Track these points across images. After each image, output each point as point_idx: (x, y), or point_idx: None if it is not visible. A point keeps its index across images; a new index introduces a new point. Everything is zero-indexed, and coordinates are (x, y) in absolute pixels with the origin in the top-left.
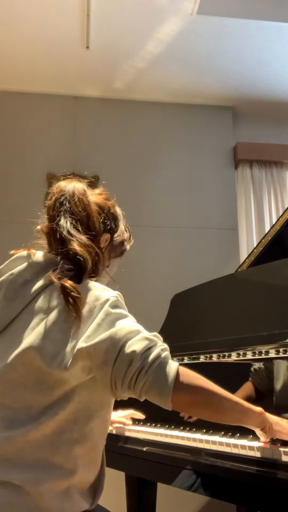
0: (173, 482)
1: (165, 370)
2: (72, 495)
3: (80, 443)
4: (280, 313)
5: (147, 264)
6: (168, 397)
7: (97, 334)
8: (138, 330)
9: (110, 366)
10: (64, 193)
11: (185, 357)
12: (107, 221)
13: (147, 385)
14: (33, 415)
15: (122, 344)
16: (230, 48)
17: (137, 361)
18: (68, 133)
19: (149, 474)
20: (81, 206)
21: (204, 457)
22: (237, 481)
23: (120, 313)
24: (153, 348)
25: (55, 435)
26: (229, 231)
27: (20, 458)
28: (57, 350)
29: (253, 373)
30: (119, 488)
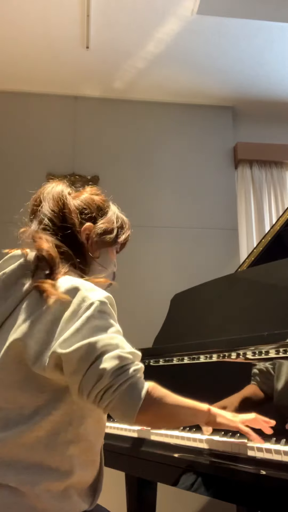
0: (173, 482)
1: (132, 393)
2: (70, 496)
3: (75, 443)
4: (280, 313)
5: (147, 264)
6: (132, 419)
7: (74, 341)
8: (116, 344)
9: (81, 376)
10: (40, 194)
11: (185, 357)
12: (86, 210)
13: (112, 405)
14: (25, 415)
15: (96, 356)
16: (230, 48)
17: (105, 379)
18: (68, 133)
19: (149, 474)
20: (55, 205)
21: (204, 457)
22: (237, 481)
23: (103, 321)
24: (125, 367)
25: (50, 436)
26: (229, 231)
27: (15, 461)
28: (40, 350)
29: (256, 374)
30: (119, 488)
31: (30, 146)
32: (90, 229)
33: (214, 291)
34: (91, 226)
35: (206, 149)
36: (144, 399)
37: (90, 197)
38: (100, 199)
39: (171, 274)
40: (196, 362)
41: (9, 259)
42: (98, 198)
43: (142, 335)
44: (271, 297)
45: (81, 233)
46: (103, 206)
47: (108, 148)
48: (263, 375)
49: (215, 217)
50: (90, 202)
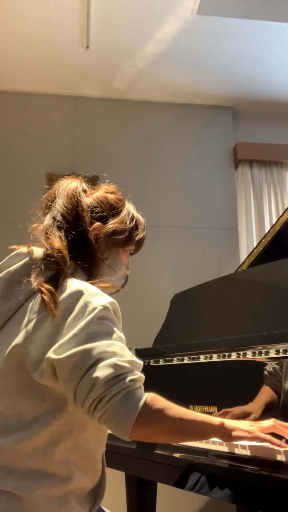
0: (173, 482)
1: (127, 404)
2: (68, 502)
3: (73, 451)
4: (280, 313)
5: (147, 264)
6: (126, 433)
7: (69, 347)
8: (113, 352)
9: (75, 384)
10: (55, 190)
11: (185, 357)
12: (97, 209)
13: (105, 416)
14: (25, 421)
15: (91, 364)
16: (230, 48)
17: (98, 389)
18: (68, 133)
19: (149, 474)
20: (68, 202)
21: (204, 457)
22: (237, 481)
23: (104, 326)
24: (120, 376)
25: (49, 446)
26: (229, 231)
27: (13, 467)
28: (41, 357)
29: (268, 376)
30: (119, 488)
31: (30, 146)
32: (99, 228)
33: (214, 291)
34: (100, 226)
35: (206, 149)
36: (141, 411)
37: (103, 195)
38: (114, 198)
39: (171, 274)
40: (196, 362)
41: (15, 256)
42: (112, 196)
43: (142, 335)
44: (271, 297)
45: (90, 233)
46: (116, 205)
47: (108, 148)
48: (269, 375)
49: (215, 217)
50: (103, 200)
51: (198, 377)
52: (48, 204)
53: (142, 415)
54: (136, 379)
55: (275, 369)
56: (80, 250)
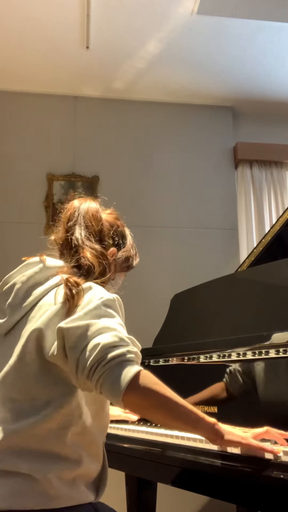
0: (173, 482)
1: (123, 369)
2: (78, 486)
3: (82, 435)
4: (280, 313)
5: (147, 264)
6: (119, 395)
7: (78, 320)
8: (115, 328)
9: (79, 352)
10: (79, 209)
11: (185, 357)
12: (116, 237)
13: (102, 379)
14: (37, 406)
15: (94, 335)
16: (230, 48)
17: (99, 353)
18: (68, 133)
19: (149, 474)
20: (94, 221)
21: (204, 457)
22: (237, 481)
23: (108, 312)
24: (120, 346)
25: (61, 429)
26: (229, 231)
27: (27, 450)
28: (54, 340)
29: (229, 375)
30: (119, 488)
31: (30, 146)
32: (114, 253)
33: (214, 291)
34: (115, 252)
35: (206, 149)
36: (135, 377)
37: (115, 222)
38: (121, 225)
39: (171, 274)
40: (196, 362)
41: (28, 265)
42: (120, 223)
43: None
44: (271, 297)
45: (108, 254)
46: (125, 234)
47: (108, 148)
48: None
49: (215, 217)
50: (116, 227)
51: (198, 377)
52: (73, 218)
53: (136, 381)
54: (134, 352)
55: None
56: (100, 266)
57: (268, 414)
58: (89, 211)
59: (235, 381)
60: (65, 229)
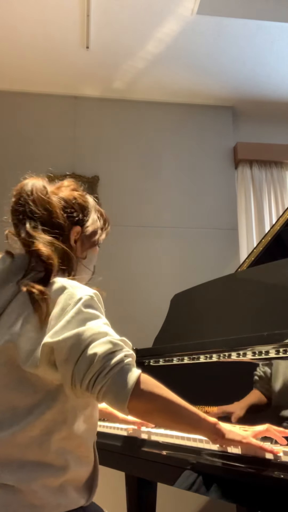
0: (173, 482)
1: (125, 375)
2: (67, 491)
3: (68, 440)
4: (280, 313)
5: (147, 264)
6: (124, 402)
7: (64, 331)
8: (105, 332)
9: (72, 364)
10: (23, 194)
11: (185, 357)
12: (74, 213)
13: (105, 389)
14: (19, 415)
15: (87, 344)
16: (230, 48)
17: (97, 364)
18: (68, 133)
19: (149, 474)
20: (42, 205)
21: (204, 457)
22: (237, 481)
23: (91, 313)
24: (116, 352)
25: (44, 436)
26: (229, 231)
27: (10, 460)
28: (31, 349)
29: (257, 380)
30: (119, 488)
31: (30, 146)
32: (78, 232)
33: (214, 291)
34: (79, 230)
35: (206, 149)
36: (137, 382)
37: (71, 194)
38: (80, 196)
39: (171, 274)
40: (196, 362)
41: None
42: (77, 194)
43: (142, 335)
44: (271, 297)
45: (70, 236)
46: (85, 204)
47: (108, 148)
48: (266, 376)
49: (215, 217)
50: (72, 201)
51: (198, 377)
52: (18, 209)
53: (139, 387)
54: (129, 355)
55: (265, 372)
56: (60, 255)
57: (268, 413)
58: (33, 194)
59: (235, 381)
60: (14, 222)
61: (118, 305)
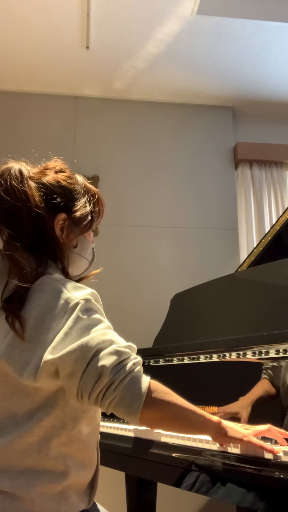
0: (173, 482)
1: (135, 387)
2: (68, 497)
3: (68, 445)
4: (280, 313)
5: (147, 264)
6: (136, 414)
7: (66, 344)
8: (110, 340)
9: (78, 377)
10: None
11: (185, 357)
12: (57, 199)
13: (115, 402)
14: (19, 423)
15: (92, 355)
16: (230, 48)
17: (106, 377)
18: (68, 133)
19: (149, 474)
20: (15, 195)
21: (204, 457)
22: (237, 481)
23: (92, 318)
24: (124, 362)
25: (42, 442)
26: (229, 231)
27: (9, 466)
28: (26, 359)
29: (269, 368)
30: (119, 488)
31: (30, 146)
32: (63, 219)
33: (214, 291)
34: (64, 217)
35: (206, 149)
36: (147, 393)
37: (54, 177)
38: (66, 178)
39: (171, 274)
40: (196, 362)
41: None
42: (63, 176)
43: (142, 335)
44: (271, 297)
45: (54, 226)
46: (71, 187)
47: (108, 148)
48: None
49: (215, 217)
50: (57, 186)
51: (198, 377)
52: None
53: (149, 397)
54: (137, 363)
55: (273, 369)
56: (45, 246)
57: (268, 413)
58: (7, 183)
59: (235, 381)
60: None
61: (118, 305)
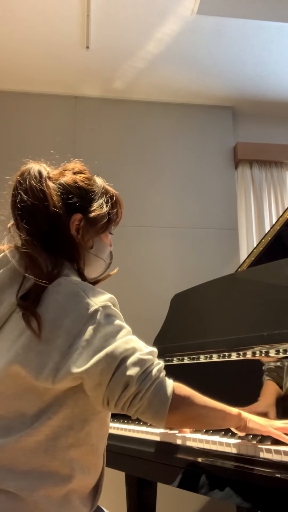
0: (173, 482)
1: (160, 394)
2: (71, 501)
3: (76, 447)
4: (280, 313)
5: (147, 264)
6: (163, 419)
7: (90, 354)
8: (133, 348)
9: (104, 387)
10: (17, 183)
11: (185, 357)
12: (73, 198)
13: (142, 409)
14: (27, 422)
15: (117, 364)
16: (230, 48)
17: (132, 386)
18: (68, 133)
19: (149, 474)
20: (33, 195)
21: (204, 457)
22: (237, 481)
23: (113, 325)
24: (148, 369)
25: (50, 441)
26: (229, 231)
27: (15, 465)
28: (43, 362)
29: (272, 369)
30: (119, 488)
31: (30, 146)
32: (79, 219)
33: (214, 291)
34: (80, 217)
35: (206, 149)
36: (172, 398)
37: (72, 178)
38: (84, 179)
39: (171, 274)
40: (196, 362)
41: (3, 259)
42: (81, 177)
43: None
44: (271, 297)
45: (70, 226)
46: (89, 187)
47: (108, 148)
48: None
49: (215, 217)
50: (74, 185)
51: (198, 377)
52: (13, 200)
53: (174, 402)
54: (160, 369)
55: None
56: (61, 247)
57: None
58: (26, 183)
59: (235, 380)
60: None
61: (118, 305)
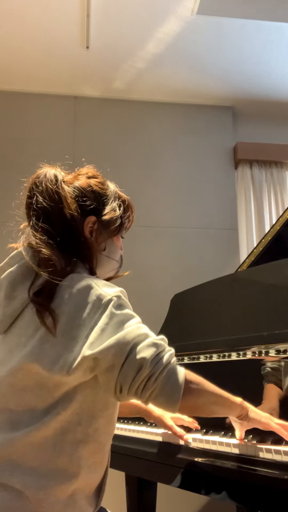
0: (173, 482)
1: (173, 378)
2: (76, 500)
3: (84, 444)
4: (280, 313)
5: (147, 264)
6: (176, 404)
7: (103, 339)
8: (146, 334)
9: (117, 370)
10: (33, 185)
11: (185, 357)
12: (87, 201)
13: (156, 393)
14: (37, 417)
15: (130, 348)
16: (230, 48)
17: (146, 368)
18: (68, 133)
19: (149, 474)
20: (49, 197)
21: (204, 457)
22: (237, 481)
23: (125, 313)
24: (161, 353)
25: (58, 436)
26: (229, 231)
27: (23, 461)
28: (58, 353)
29: (270, 373)
30: (119, 488)
31: (30, 146)
32: (93, 222)
33: (214, 291)
34: (94, 219)
35: (206, 149)
36: (185, 383)
37: (86, 182)
38: (97, 183)
39: (171, 274)
40: (196, 362)
41: (15, 256)
42: (95, 181)
43: None
44: (271, 297)
45: (84, 228)
46: (103, 192)
47: (108, 148)
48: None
49: (215, 217)
50: (88, 189)
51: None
52: (28, 201)
53: (187, 387)
54: (172, 354)
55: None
56: (75, 247)
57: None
58: (43, 185)
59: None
60: (27, 218)
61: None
